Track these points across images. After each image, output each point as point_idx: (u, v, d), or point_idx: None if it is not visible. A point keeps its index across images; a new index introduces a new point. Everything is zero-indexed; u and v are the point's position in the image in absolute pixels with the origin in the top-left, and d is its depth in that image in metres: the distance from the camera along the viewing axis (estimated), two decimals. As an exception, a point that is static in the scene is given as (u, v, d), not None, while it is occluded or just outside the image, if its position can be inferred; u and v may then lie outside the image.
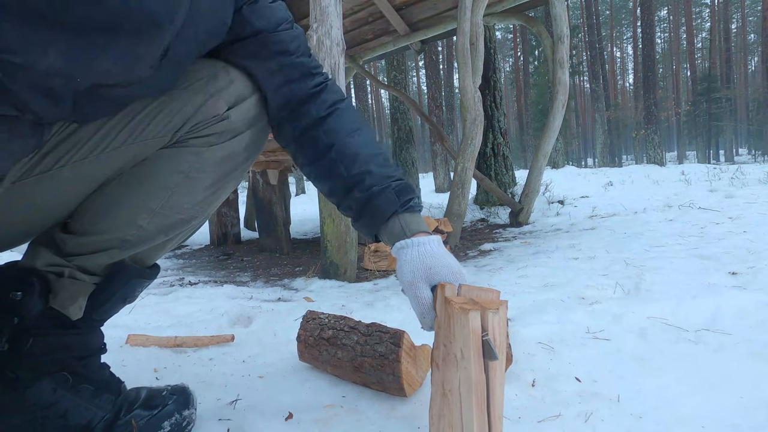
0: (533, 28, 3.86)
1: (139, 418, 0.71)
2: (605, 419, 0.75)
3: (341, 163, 0.72)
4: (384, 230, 0.72)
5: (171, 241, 0.73)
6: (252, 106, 0.72)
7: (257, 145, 0.75)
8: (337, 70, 2.04)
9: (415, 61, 30.96)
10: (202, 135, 0.67)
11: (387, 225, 0.72)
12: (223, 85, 0.68)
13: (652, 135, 16.35)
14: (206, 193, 0.71)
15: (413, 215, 0.72)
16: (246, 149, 0.73)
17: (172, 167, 0.67)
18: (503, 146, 4.92)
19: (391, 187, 0.71)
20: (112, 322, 0.92)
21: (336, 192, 0.75)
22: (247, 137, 0.72)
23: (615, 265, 1.85)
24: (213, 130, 0.67)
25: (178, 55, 0.60)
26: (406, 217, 0.71)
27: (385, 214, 0.71)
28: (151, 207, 0.67)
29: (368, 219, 0.73)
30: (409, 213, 0.72)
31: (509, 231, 3.45)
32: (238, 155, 0.71)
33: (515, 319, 1.22)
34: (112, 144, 0.64)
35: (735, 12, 36.42)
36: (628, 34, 43.61)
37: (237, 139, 0.70)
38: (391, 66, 7.61)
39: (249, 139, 0.72)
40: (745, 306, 1.18)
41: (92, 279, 0.68)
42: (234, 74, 0.70)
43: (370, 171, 0.72)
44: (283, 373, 0.98)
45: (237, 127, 0.69)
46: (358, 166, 0.72)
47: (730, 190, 4.20)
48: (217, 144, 0.68)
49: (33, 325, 0.64)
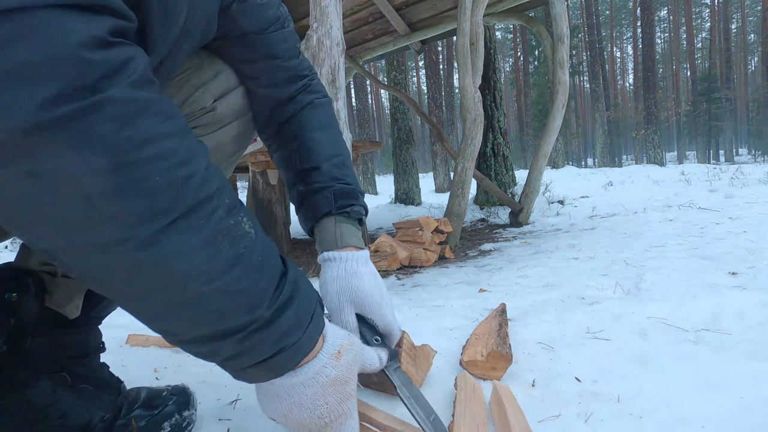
0: (533, 28, 3.86)
1: (139, 418, 0.71)
2: (605, 419, 0.75)
3: (297, 155, 0.75)
4: (318, 229, 0.73)
5: None
6: (239, 96, 0.71)
7: (246, 135, 0.75)
8: (337, 70, 2.04)
9: (415, 61, 30.97)
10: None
11: (321, 225, 0.72)
12: (208, 77, 0.68)
13: (652, 135, 16.36)
14: None
15: (351, 227, 0.71)
16: (235, 140, 0.72)
17: None
18: (503, 146, 4.93)
19: (333, 188, 0.71)
20: (112, 323, 0.92)
21: (288, 181, 0.77)
22: (234, 128, 0.71)
23: (615, 265, 1.85)
24: (199, 122, 0.67)
25: (170, 67, 0.59)
26: (343, 226, 0.70)
27: (318, 212, 0.72)
28: None
29: (303, 214, 0.75)
30: (346, 221, 0.71)
31: (509, 231, 3.45)
32: (226, 145, 0.71)
33: (515, 319, 1.22)
34: None
35: (735, 12, 36.42)
36: (628, 34, 43.62)
37: (224, 129, 0.70)
38: (391, 66, 7.61)
39: (237, 130, 0.72)
40: (745, 306, 1.17)
41: None
42: (219, 65, 0.69)
43: (320, 168, 0.73)
44: (283, 373, 0.97)
45: (224, 118, 0.69)
46: (311, 161, 0.74)
47: (730, 190, 4.20)
48: (204, 135, 0.68)
49: (31, 326, 0.64)
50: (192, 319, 0.42)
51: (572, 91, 20.05)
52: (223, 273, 0.41)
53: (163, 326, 0.43)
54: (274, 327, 0.45)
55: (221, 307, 0.41)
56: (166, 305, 0.40)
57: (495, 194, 3.76)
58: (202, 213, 0.39)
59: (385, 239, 2.42)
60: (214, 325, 0.42)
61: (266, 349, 0.45)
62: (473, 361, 0.91)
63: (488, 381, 0.90)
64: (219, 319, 0.42)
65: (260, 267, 0.44)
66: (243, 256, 0.42)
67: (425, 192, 9.29)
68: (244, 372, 0.48)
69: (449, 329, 1.19)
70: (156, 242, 0.37)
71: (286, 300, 0.46)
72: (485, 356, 0.90)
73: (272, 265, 0.46)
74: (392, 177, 9.76)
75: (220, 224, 0.41)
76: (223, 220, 0.41)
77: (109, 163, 0.34)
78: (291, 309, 0.46)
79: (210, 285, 0.40)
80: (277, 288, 0.45)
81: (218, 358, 0.46)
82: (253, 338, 0.44)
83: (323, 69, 2.02)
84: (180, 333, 0.43)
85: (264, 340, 0.44)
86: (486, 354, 0.90)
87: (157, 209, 0.36)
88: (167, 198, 0.37)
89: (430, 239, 2.58)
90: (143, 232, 0.36)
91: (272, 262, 0.46)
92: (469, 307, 1.40)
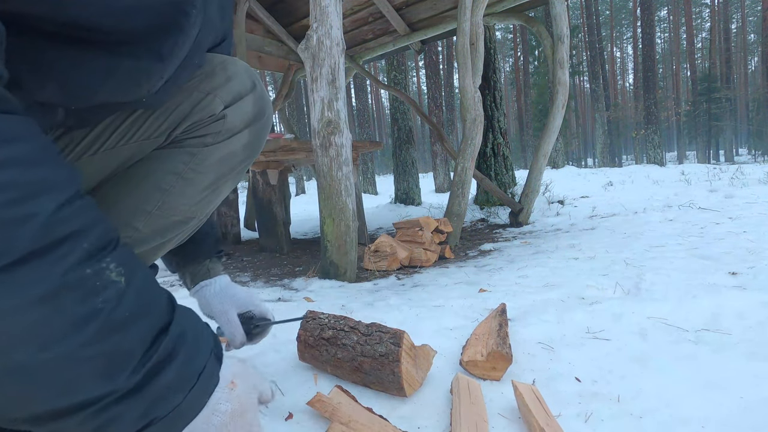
0: (533, 28, 3.86)
1: None
2: (605, 419, 0.75)
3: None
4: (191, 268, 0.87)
5: (169, 243, 0.72)
6: (251, 103, 0.69)
7: (257, 144, 0.73)
8: (337, 70, 2.04)
9: (415, 61, 30.96)
10: (197, 135, 0.66)
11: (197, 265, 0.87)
12: (219, 82, 0.66)
13: (652, 135, 16.35)
14: (203, 194, 0.69)
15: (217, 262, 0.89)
16: (244, 149, 0.70)
17: (168, 168, 0.65)
18: (503, 146, 4.92)
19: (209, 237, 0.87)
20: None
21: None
22: (245, 136, 0.69)
23: (615, 265, 1.85)
24: (209, 130, 0.66)
25: (179, 80, 0.58)
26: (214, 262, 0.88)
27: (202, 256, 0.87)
28: (146, 209, 0.65)
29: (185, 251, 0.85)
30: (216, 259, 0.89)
31: (509, 231, 3.45)
32: (235, 155, 0.70)
33: (515, 319, 1.22)
34: (106, 145, 0.62)
35: (735, 12, 36.41)
36: (628, 34, 43.61)
37: (234, 138, 0.68)
38: (391, 66, 7.60)
39: (247, 139, 0.70)
40: (745, 306, 1.17)
41: None
42: (232, 70, 0.68)
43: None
44: (283, 373, 0.97)
45: (234, 126, 0.67)
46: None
47: (730, 190, 4.20)
48: (214, 144, 0.66)
49: None
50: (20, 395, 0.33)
51: (572, 91, 20.03)
52: (64, 338, 0.33)
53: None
54: (142, 395, 0.37)
55: (63, 378, 0.33)
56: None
57: (495, 194, 3.76)
58: (39, 263, 0.32)
59: (385, 239, 2.42)
60: (54, 401, 0.33)
61: (130, 423, 0.37)
62: (473, 361, 0.91)
63: (492, 381, 0.90)
64: (60, 395, 0.33)
65: (124, 324, 0.36)
66: (99, 313, 0.34)
67: (425, 192, 9.28)
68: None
69: (449, 329, 1.19)
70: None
71: (162, 359, 0.38)
72: (485, 356, 0.90)
73: (146, 319, 0.38)
74: (392, 177, 9.77)
75: (67, 276, 0.33)
76: (74, 270, 0.34)
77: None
78: (169, 370, 0.39)
79: (46, 353, 0.32)
80: (151, 347, 0.38)
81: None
82: (110, 412, 0.35)
83: (323, 69, 2.02)
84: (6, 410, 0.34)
85: (125, 413, 0.36)
86: (486, 354, 0.90)
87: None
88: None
89: (430, 239, 2.58)
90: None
91: (148, 316, 0.39)
92: (469, 307, 1.40)
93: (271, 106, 0.77)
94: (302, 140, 2.92)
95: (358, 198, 3.40)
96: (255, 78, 0.71)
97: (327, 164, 2.08)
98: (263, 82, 0.91)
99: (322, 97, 2.04)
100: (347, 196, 2.10)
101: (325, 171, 2.08)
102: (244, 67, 0.71)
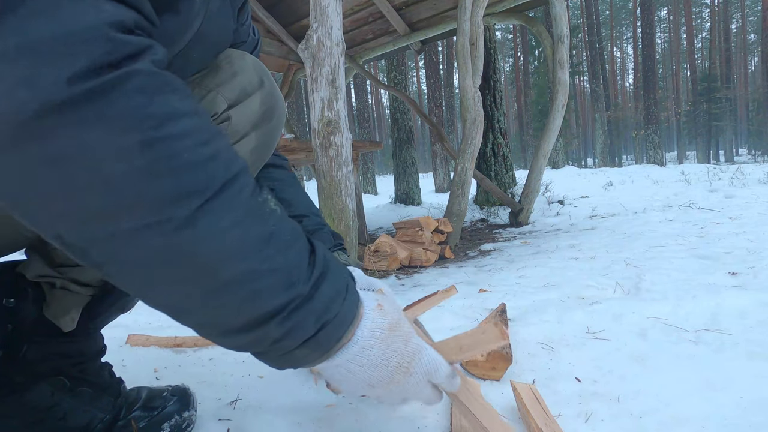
0: (533, 28, 3.86)
1: (139, 419, 0.70)
2: (605, 419, 0.75)
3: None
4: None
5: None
6: (258, 103, 0.64)
7: (266, 147, 0.69)
8: (337, 70, 2.04)
9: (415, 61, 30.98)
10: None
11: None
12: (224, 78, 0.62)
13: (652, 135, 16.36)
14: None
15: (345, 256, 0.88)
16: (252, 153, 0.66)
17: None
18: (503, 146, 4.93)
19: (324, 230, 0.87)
20: (112, 323, 0.92)
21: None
22: (253, 139, 0.65)
23: (615, 265, 1.85)
24: None
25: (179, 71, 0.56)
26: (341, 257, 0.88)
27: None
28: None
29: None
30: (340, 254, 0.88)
31: (509, 231, 3.45)
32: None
33: (515, 319, 1.22)
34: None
35: (735, 12, 36.42)
36: (628, 34, 43.64)
37: (242, 142, 0.64)
38: (391, 66, 7.60)
39: (255, 143, 0.65)
40: (745, 306, 1.17)
41: (87, 290, 0.65)
42: (238, 65, 0.63)
43: (308, 216, 0.83)
44: (283, 373, 0.97)
45: (240, 129, 0.63)
46: (296, 210, 0.85)
47: (730, 190, 4.20)
48: None
49: (28, 332, 0.63)
50: (231, 305, 0.39)
51: (572, 91, 20.05)
52: (258, 252, 0.39)
53: (200, 319, 0.41)
54: (314, 302, 0.43)
55: (259, 287, 0.39)
56: (203, 293, 0.38)
57: (495, 194, 3.76)
58: (231, 192, 0.37)
59: (385, 239, 2.42)
60: (255, 309, 0.40)
61: (310, 326, 0.43)
62: (473, 361, 0.91)
63: (492, 381, 0.90)
64: (258, 302, 0.40)
65: (291, 244, 0.42)
66: (274, 234, 0.41)
67: (425, 192, 9.29)
68: (291, 355, 0.45)
69: (449, 329, 1.19)
70: (191, 224, 0.35)
71: (320, 274, 0.44)
72: (485, 356, 0.90)
73: (301, 241, 0.45)
74: (392, 177, 9.76)
75: (249, 203, 0.39)
76: (251, 198, 0.40)
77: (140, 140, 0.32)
78: (327, 282, 0.45)
79: (246, 265, 0.38)
80: (309, 263, 0.44)
81: (262, 346, 0.43)
82: (294, 317, 0.42)
83: (323, 69, 2.02)
84: (220, 323, 0.41)
85: (306, 318, 0.43)
86: (486, 354, 0.90)
87: (190, 189, 0.34)
88: (198, 177, 0.35)
89: (430, 239, 2.58)
90: (178, 214, 0.34)
91: (301, 239, 0.45)
92: (469, 307, 1.40)
93: (284, 106, 0.71)
94: (302, 140, 2.92)
95: (358, 198, 3.40)
96: (264, 74, 0.67)
97: (327, 164, 2.08)
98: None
99: (322, 97, 2.04)
100: (347, 196, 2.10)
101: (325, 171, 2.08)
102: (252, 62, 0.66)
